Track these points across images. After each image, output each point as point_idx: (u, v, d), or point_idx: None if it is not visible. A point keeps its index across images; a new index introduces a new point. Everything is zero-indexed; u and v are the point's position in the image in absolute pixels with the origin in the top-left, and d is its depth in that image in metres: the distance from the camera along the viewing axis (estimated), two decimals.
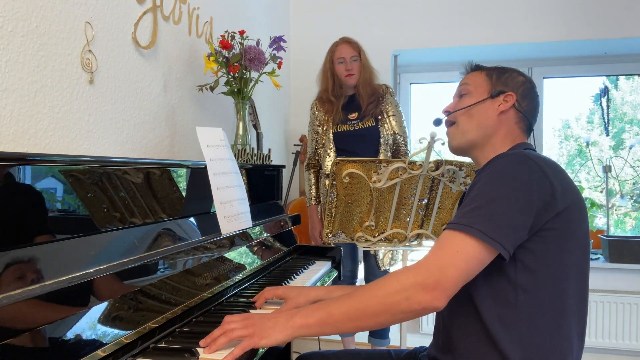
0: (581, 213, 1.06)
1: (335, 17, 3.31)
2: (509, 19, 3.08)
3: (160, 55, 1.81)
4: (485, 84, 1.21)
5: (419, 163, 1.78)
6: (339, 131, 2.56)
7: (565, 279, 1.03)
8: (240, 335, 0.96)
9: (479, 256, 0.97)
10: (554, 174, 1.03)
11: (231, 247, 1.39)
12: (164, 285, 1.08)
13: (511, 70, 1.24)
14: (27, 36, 1.23)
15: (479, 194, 1.02)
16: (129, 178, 1.13)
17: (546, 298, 1.01)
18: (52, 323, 0.77)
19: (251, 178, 1.82)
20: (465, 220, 0.99)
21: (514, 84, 1.21)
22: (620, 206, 3.44)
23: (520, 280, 1.01)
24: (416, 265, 0.98)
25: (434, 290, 0.94)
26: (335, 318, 0.97)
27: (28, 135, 1.24)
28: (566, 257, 1.03)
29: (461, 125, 1.21)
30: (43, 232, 0.89)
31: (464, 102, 1.22)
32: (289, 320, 0.98)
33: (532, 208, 0.98)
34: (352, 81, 2.52)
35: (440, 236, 1.03)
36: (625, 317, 2.94)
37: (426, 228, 1.95)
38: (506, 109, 1.18)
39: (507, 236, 0.97)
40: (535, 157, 1.04)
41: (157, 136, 1.80)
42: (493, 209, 0.98)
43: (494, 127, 1.18)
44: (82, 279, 0.86)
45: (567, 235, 1.03)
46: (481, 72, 1.25)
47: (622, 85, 3.59)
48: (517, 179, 1.00)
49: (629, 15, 2.94)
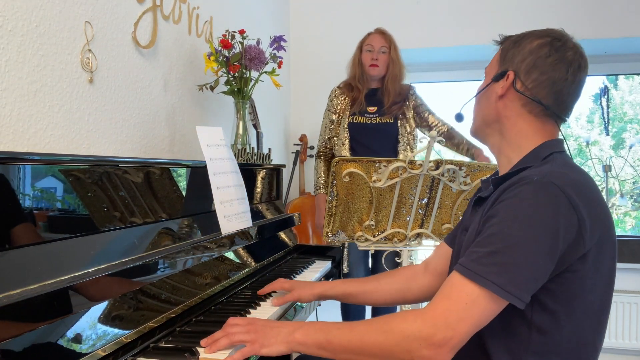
0: (609, 247, 0.94)
1: (335, 17, 3.31)
2: (509, 19, 3.08)
3: (160, 55, 1.81)
4: (496, 63, 1.07)
5: (419, 162, 1.78)
6: (354, 122, 2.51)
7: (585, 317, 0.93)
8: (242, 339, 0.95)
9: (492, 308, 0.87)
10: (584, 203, 0.89)
11: (231, 247, 1.39)
12: (164, 285, 1.08)
13: (528, 35, 1.03)
14: (26, 36, 1.23)
15: (496, 233, 0.89)
16: (129, 177, 1.13)
17: (563, 338, 0.93)
18: (52, 322, 0.77)
19: (251, 177, 1.82)
20: (479, 268, 0.88)
21: (522, 55, 1.01)
22: (620, 206, 3.45)
23: (536, 320, 0.92)
24: (423, 314, 0.89)
25: (440, 348, 0.86)
26: (333, 346, 0.93)
27: (28, 135, 1.24)
28: (588, 295, 0.93)
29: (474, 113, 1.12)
30: (43, 231, 0.89)
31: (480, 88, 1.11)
32: (290, 334, 0.96)
33: (556, 252, 0.87)
34: (374, 72, 2.47)
35: (450, 279, 0.92)
36: (625, 316, 2.94)
37: (426, 227, 1.95)
38: (504, 92, 1.02)
39: (527, 288, 0.87)
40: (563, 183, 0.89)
41: (157, 136, 1.80)
42: (512, 257, 0.87)
43: (496, 116, 1.04)
44: (82, 278, 0.86)
45: (591, 274, 0.92)
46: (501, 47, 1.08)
47: (622, 85, 3.59)
48: (541, 219, 0.87)
49: (629, 15, 2.94)
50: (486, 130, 1.09)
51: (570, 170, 0.96)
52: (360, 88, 2.50)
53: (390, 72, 2.48)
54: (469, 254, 0.92)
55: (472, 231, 1.02)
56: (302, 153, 3.22)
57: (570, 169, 0.96)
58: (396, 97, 2.49)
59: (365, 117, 2.51)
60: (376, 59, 2.46)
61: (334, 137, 2.57)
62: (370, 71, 2.47)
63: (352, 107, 2.53)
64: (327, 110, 2.63)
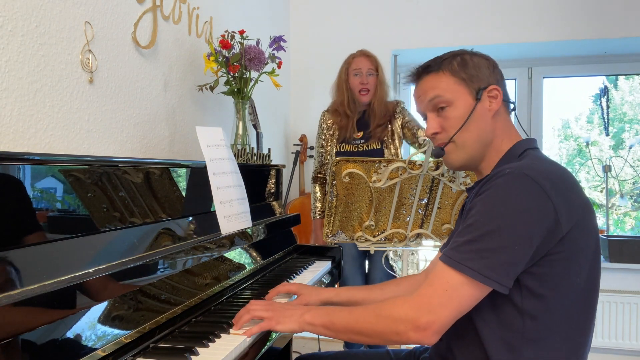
0: (589, 226, 0.98)
1: (335, 17, 3.31)
2: (508, 19, 3.08)
3: (160, 55, 1.81)
4: (458, 85, 1.08)
5: (419, 163, 1.79)
6: (342, 151, 2.47)
7: (574, 299, 0.97)
8: (260, 315, 1.08)
9: (472, 294, 0.93)
10: (557, 192, 0.93)
11: (231, 247, 1.39)
12: (164, 285, 1.08)
13: (464, 54, 1.10)
14: (27, 36, 1.23)
15: (473, 223, 0.95)
16: (129, 178, 1.13)
17: (554, 322, 0.96)
18: (52, 323, 0.77)
19: (251, 178, 1.82)
20: (457, 255, 0.94)
21: (486, 72, 1.08)
22: (620, 206, 3.45)
23: (527, 306, 0.96)
24: (410, 300, 0.97)
25: (424, 330, 0.93)
26: (335, 327, 1.04)
27: (28, 135, 1.24)
28: (574, 276, 0.96)
29: (460, 142, 1.08)
30: (43, 231, 0.89)
31: (450, 117, 1.08)
32: (302, 315, 1.07)
33: (532, 238, 0.91)
34: (366, 99, 2.43)
35: (434, 268, 0.99)
36: (625, 316, 2.94)
37: (426, 228, 1.95)
38: (498, 107, 1.07)
39: (505, 272, 0.91)
40: (537, 173, 0.94)
41: (157, 136, 1.80)
42: (488, 244, 0.92)
43: (492, 131, 1.08)
44: (82, 278, 0.86)
45: (574, 255, 0.95)
46: (439, 73, 1.09)
47: (622, 85, 3.59)
48: (516, 207, 0.92)
49: (628, 15, 2.94)
50: (482, 152, 1.09)
51: (542, 162, 1.01)
52: (349, 114, 2.44)
53: (377, 94, 2.43)
54: (451, 244, 0.98)
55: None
56: (302, 153, 3.22)
57: (542, 162, 1.01)
58: (380, 119, 2.43)
59: (352, 144, 2.47)
60: (366, 83, 2.40)
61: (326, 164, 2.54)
62: (362, 98, 2.42)
63: (339, 133, 2.48)
64: (318, 135, 2.58)
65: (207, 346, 0.97)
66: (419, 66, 1.14)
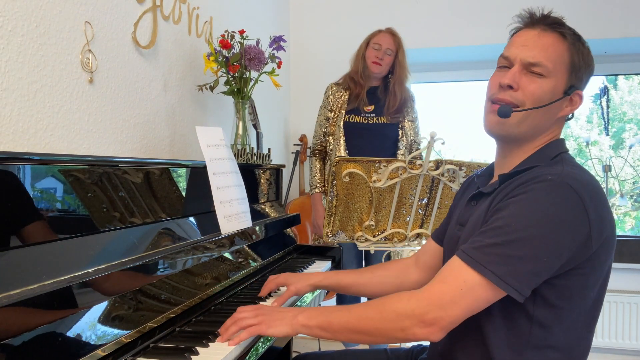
0: (612, 243, 0.96)
1: (335, 17, 3.31)
2: (509, 19, 3.08)
3: (160, 55, 1.81)
4: (565, 67, 0.98)
5: (419, 162, 1.79)
6: (350, 122, 2.47)
7: (583, 310, 0.96)
8: (249, 324, 1.01)
9: (486, 296, 0.90)
10: (594, 207, 0.89)
11: (231, 247, 1.39)
12: (164, 285, 1.08)
13: (585, 42, 1.02)
14: (27, 36, 1.23)
15: (503, 226, 0.90)
16: (129, 178, 1.13)
17: (562, 331, 0.95)
18: (51, 323, 0.77)
19: (251, 178, 1.82)
20: (480, 256, 0.89)
21: (587, 72, 1.01)
22: (620, 206, 3.45)
23: (538, 315, 0.93)
24: (418, 295, 0.93)
25: (431, 326, 0.90)
26: (333, 327, 0.99)
27: (28, 135, 1.24)
28: (589, 289, 0.95)
29: (522, 115, 0.99)
30: (43, 231, 0.89)
31: (532, 87, 0.97)
32: (294, 317, 1.01)
33: (563, 252, 0.88)
34: (376, 70, 2.43)
35: (449, 264, 0.94)
36: (625, 316, 2.94)
37: (426, 227, 1.95)
38: (570, 113, 1.02)
39: (527, 282, 0.88)
40: (579, 185, 0.90)
41: (157, 136, 1.80)
42: (516, 251, 0.87)
43: (547, 129, 1.02)
44: (82, 278, 0.86)
45: (594, 270, 0.94)
46: (565, 42, 1.00)
47: (622, 85, 3.59)
48: (553, 218, 0.88)
49: (628, 15, 2.94)
50: (527, 138, 1.02)
51: (581, 171, 0.96)
52: (362, 83, 2.46)
53: (397, 75, 2.44)
54: (472, 242, 0.93)
55: (473, 224, 1.03)
56: (302, 153, 3.22)
57: (581, 170, 0.97)
58: (400, 101, 2.45)
59: (362, 116, 2.47)
60: (381, 59, 2.42)
61: (329, 136, 2.54)
62: (372, 68, 2.43)
63: (350, 103, 2.48)
64: (322, 107, 2.58)
65: (207, 346, 0.97)
66: (550, 15, 1.05)
